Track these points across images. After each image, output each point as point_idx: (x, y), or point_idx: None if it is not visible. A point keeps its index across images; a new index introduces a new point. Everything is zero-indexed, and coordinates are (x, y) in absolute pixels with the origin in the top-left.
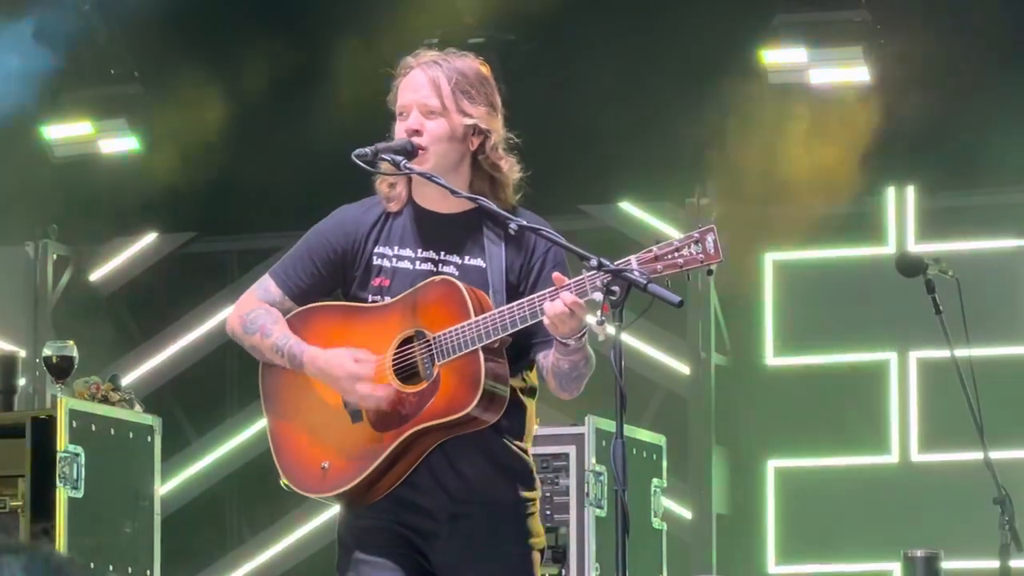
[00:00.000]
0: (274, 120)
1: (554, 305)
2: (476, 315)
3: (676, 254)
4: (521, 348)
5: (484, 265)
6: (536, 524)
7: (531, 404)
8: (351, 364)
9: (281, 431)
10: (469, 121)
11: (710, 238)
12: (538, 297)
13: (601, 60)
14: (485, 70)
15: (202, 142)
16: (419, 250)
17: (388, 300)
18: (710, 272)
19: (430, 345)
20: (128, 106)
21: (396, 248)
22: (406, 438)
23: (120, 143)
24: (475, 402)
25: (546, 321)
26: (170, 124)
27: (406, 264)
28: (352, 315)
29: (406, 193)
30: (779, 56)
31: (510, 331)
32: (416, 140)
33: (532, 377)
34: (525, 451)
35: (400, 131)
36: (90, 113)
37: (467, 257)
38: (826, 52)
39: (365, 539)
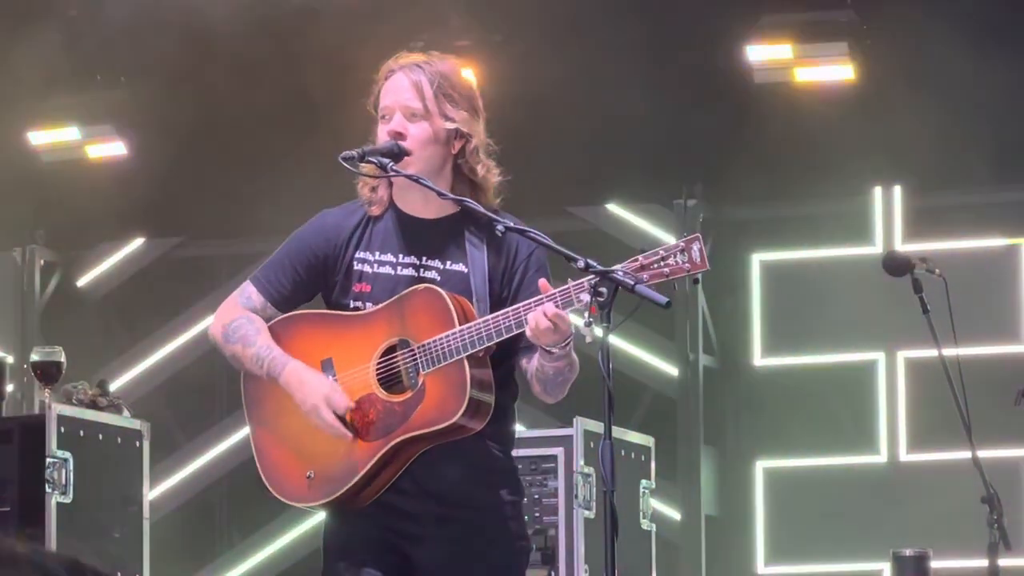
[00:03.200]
0: (259, 124)
1: (537, 316)
2: (460, 324)
3: (662, 263)
4: (505, 353)
5: (466, 270)
6: (521, 526)
7: (512, 409)
8: (327, 390)
9: (265, 440)
10: (451, 125)
11: (696, 247)
12: (523, 307)
13: (587, 61)
14: (468, 73)
15: (188, 147)
16: (400, 255)
17: (370, 306)
18: (696, 281)
19: (414, 354)
20: (115, 111)
21: (377, 253)
22: (392, 447)
23: (107, 148)
24: (461, 411)
25: (528, 332)
26: (157, 129)
27: (387, 269)
28: (336, 324)
29: (387, 197)
30: (765, 55)
31: (495, 341)
32: (399, 143)
33: (515, 381)
34: (508, 454)
35: (382, 133)
36: (77, 118)
37: (449, 262)
38: (811, 49)
39: (350, 546)
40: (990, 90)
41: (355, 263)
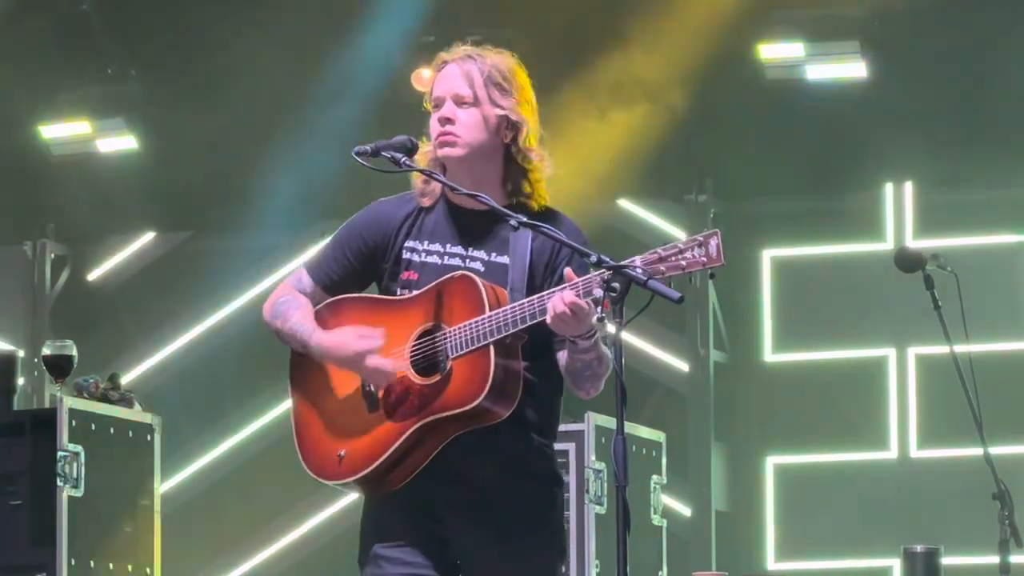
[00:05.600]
0: (272, 120)
1: (554, 302)
2: (491, 311)
3: (679, 256)
4: (544, 345)
5: (508, 262)
6: (558, 516)
7: (556, 400)
8: (356, 342)
9: (303, 418)
10: (501, 112)
11: (713, 242)
12: (547, 294)
13: (598, 57)
14: (519, 67)
15: (200, 141)
16: (448, 245)
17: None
18: (712, 276)
19: (446, 338)
20: (126, 105)
21: (426, 243)
22: (417, 429)
23: (118, 142)
24: (483, 396)
25: (548, 319)
26: (168, 123)
27: (435, 259)
28: (378, 307)
29: (439, 188)
30: (776, 51)
31: (520, 327)
32: (448, 128)
33: (557, 374)
34: (549, 444)
35: (433, 121)
36: (88, 112)
37: (494, 254)
38: (823, 47)
39: (384, 531)
40: (998, 87)
41: (404, 252)
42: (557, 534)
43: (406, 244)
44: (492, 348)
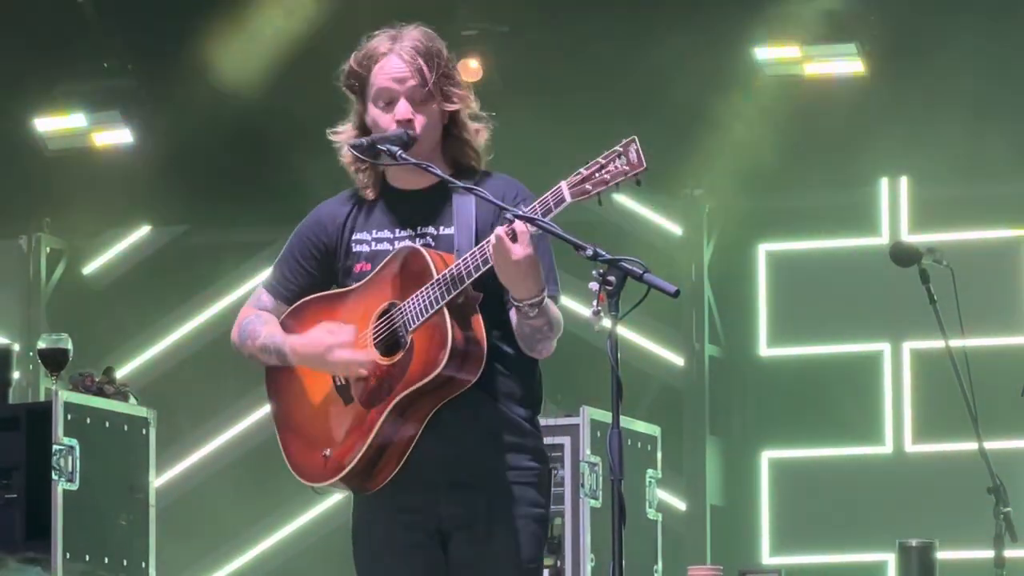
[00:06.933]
0: (266, 113)
1: (497, 232)
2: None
3: (602, 171)
4: (506, 310)
5: (455, 232)
6: (541, 493)
7: (533, 367)
8: (326, 337)
9: (285, 428)
10: (453, 107)
11: (633, 148)
12: (486, 242)
13: (594, 51)
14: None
15: (195, 135)
16: (396, 229)
17: None
18: (638, 183)
19: (402, 313)
20: (122, 99)
21: (375, 231)
22: (393, 408)
23: (114, 136)
24: (444, 361)
25: (491, 257)
26: (164, 117)
27: (385, 246)
28: (336, 300)
29: (377, 177)
30: (774, 48)
31: (467, 282)
32: (408, 131)
33: None
34: (527, 418)
35: (389, 120)
36: (84, 106)
37: (442, 227)
38: (820, 44)
39: (374, 527)
40: (998, 82)
41: (354, 245)
42: (537, 512)
43: (354, 238)
44: (447, 312)
